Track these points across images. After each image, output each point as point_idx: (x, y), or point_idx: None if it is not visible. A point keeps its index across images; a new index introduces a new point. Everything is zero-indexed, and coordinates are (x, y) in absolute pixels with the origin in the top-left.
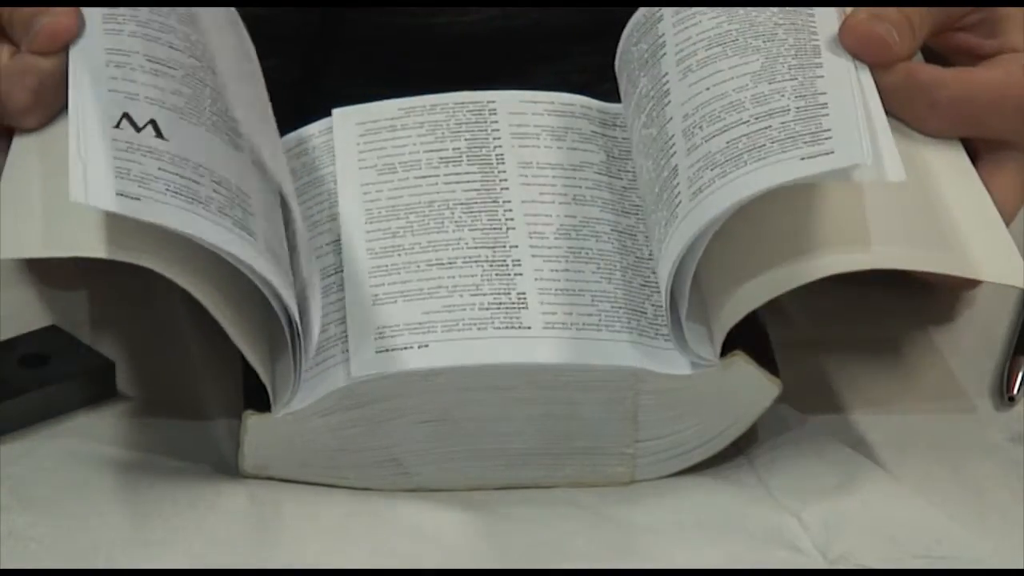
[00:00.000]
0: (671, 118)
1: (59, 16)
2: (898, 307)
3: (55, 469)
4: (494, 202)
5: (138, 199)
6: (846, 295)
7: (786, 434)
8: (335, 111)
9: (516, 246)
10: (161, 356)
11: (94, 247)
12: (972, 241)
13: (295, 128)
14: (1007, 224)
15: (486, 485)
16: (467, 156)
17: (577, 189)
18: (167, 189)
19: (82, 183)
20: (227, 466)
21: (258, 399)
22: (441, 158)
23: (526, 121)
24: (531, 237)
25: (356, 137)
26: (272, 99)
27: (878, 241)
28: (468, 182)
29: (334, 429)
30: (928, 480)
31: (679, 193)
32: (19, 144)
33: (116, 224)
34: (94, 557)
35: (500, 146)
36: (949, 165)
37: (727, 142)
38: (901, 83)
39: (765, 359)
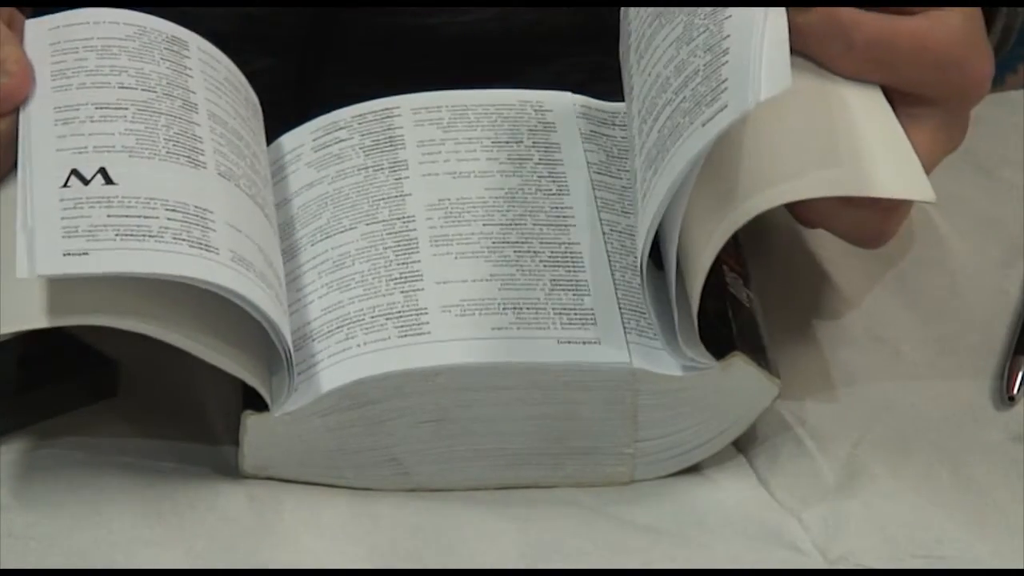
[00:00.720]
0: (633, 117)
1: (12, 78)
2: (898, 306)
3: (55, 469)
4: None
5: (86, 254)
6: (845, 294)
7: (786, 434)
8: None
9: None
10: (161, 356)
11: (38, 318)
12: (879, 164)
13: (291, 128)
14: None
15: (486, 485)
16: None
17: None
18: (116, 234)
19: (27, 256)
20: (227, 466)
21: (258, 399)
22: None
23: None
24: None
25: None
26: (268, 100)
27: (790, 176)
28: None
29: (333, 429)
30: (928, 480)
31: (637, 200)
32: None
33: (68, 285)
34: (94, 557)
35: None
36: (860, 98)
37: (658, 132)
38: (817, 22)
39: (763, 360)
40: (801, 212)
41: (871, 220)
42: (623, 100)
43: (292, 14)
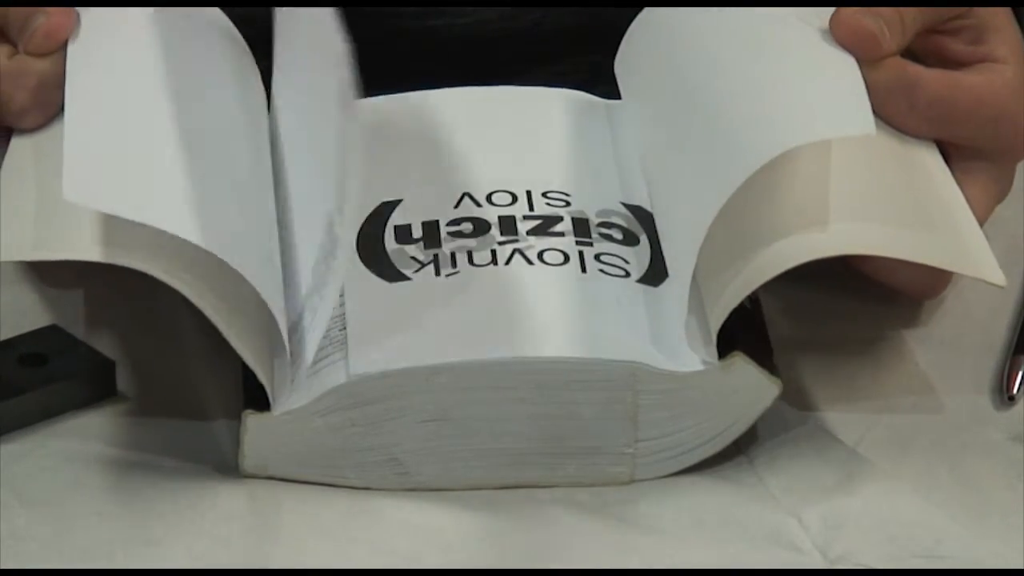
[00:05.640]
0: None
1: (55, 16)
2: (898, 306)
3: (55, 469)
4: None
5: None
6: (844, 294)
7: (786, 434)
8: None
9: None
10: (161, 356)
11: (87, 249)
12: (949, 235)
13: None
14: None
15: (486, 485)
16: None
17: None
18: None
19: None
20: (227, 466)
21: (258, 399)
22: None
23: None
24: None
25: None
26: (269, 100)
27: (857, 224)
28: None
29: (334, 429)
30: (928, 480)
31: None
32: (15, 144)
33: (110, 225)
34: (94, 557)
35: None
36: (928, 160)
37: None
38: (886, 79)
39: (765, 359)
40: (857, 262)
41: (928, 277)
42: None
43: None
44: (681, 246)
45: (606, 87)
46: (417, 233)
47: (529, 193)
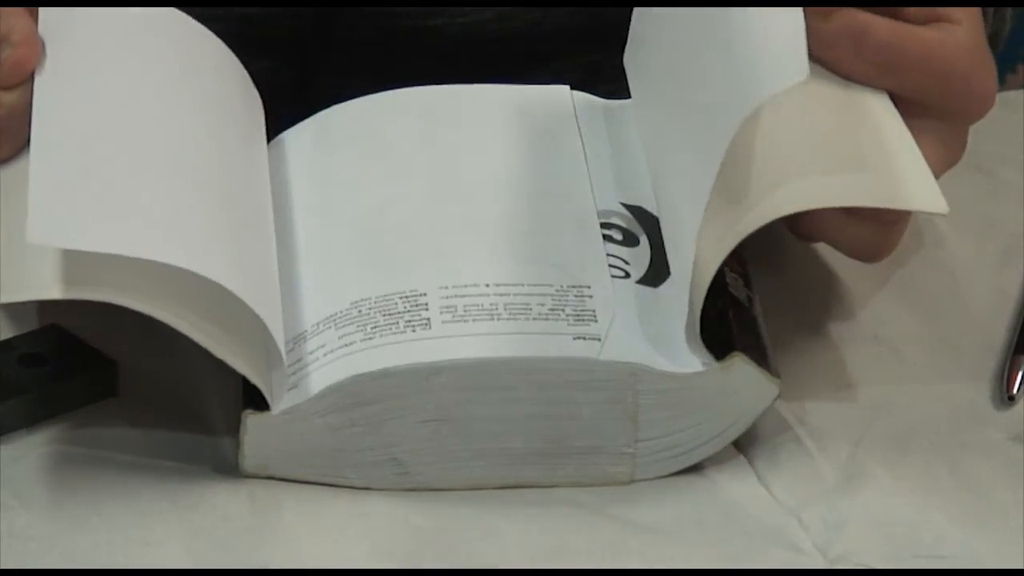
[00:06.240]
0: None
1: (21, 48)
2: (898, 306)
3: (55, 469)
4: None
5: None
6: (845, 293)
7: (786, 434)
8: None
9: None
10: (161, 356)
11: (53, 288)
12: (883, 173)
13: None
14: None
15: (486, 485)
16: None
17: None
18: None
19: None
20: (227, 466)
21: (258, 399)
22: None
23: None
24: None
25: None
26: (267, 102)
27: (784, 187)
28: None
29: (334, 429)
30: (928, 480)
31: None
32: None
33: (78, 261)
34: (94, 557)
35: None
36: (873, 104)
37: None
38: (837, 27)
39: (764, 360)
40: (802, 224)
41: (874, 234)
42: (624, 99)
43: (291, 15)
44: (684, 245)
45: (606, 87)
46: None
47: None
